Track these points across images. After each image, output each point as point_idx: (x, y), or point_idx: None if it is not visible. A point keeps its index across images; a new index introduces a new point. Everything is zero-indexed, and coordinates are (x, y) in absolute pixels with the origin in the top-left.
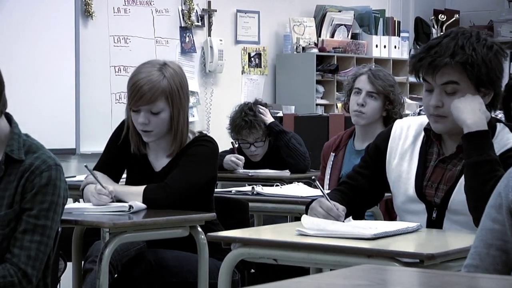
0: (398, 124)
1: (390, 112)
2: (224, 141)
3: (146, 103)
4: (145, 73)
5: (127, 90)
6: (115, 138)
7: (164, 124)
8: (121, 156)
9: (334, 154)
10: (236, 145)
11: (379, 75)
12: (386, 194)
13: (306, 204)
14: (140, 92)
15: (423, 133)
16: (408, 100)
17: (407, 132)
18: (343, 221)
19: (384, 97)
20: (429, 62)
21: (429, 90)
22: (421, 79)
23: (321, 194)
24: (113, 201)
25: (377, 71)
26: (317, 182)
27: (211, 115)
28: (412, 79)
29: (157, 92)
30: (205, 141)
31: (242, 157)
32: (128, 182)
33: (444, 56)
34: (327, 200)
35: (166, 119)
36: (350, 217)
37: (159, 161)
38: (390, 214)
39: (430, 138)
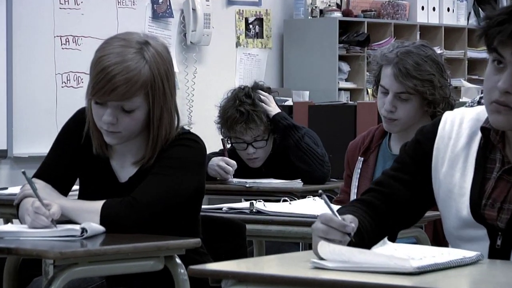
0: (448, 118)
1: (434, 106)
2: (211, 140)
3: (118, 99)
4: (119, 56)
5: (91, 75)
6: (66, 134)
7: (137, 125)
8: (74, 159)
9: (362, 158)
10: (228, 145)
11: (408, 69)
12: (434, 213)
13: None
14: (112, 84)
15: (480, 133)
16: (465, 83)
17: (459, 130)
18: (350, 235)
19: (420, 96)
20: None
21: (499, 66)
22: (491, 52)
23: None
24: (53, 225)
25: (406, 59)
26: (324, 195)
27: (194, 104)
28: (473, 53)
29: (135, 86)
30: (188, 140)
31: (233, 162)
32: (82, 196)
33: None
34: (332, 213)
35: (140, 118)
36: (385, 239)
37: (126, 169)
38: (439, 240)
39: (490, 141)
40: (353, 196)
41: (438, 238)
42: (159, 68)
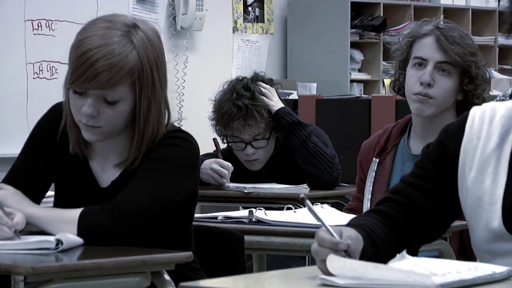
0: (476, 114)
1: (470, 96)
2: (205, 139)
3: (100, 87)
4: (103, 38)
5: (70, 60)
6: (40, 133)
7: (120, 119)
8: (49, 162)
9: (377, 159)
10: (224, 145)
11: (453, 37)
12: (459, 223)
13: None
14: (93, 69)
15: None
16: (496, 74)
17: (489, 128)
18: (347, 252)
19: (462, 71)
20: None
21: None
22: None
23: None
24: (17, 236)
25: (450, 30)
26: (307, 201)
27: (185, 98)
28: (505, 40)
29: (120, 73)
30: (179, 139)
31: (228, 164)
32: (58, 203)
33: None
34: (326, 228)
35: (124, 112)
36: (404, 253)
37: (108, 172)
38: (465, 254)
39: None
40: (366, 203)
41: (464, 251)
42: (148, 55)
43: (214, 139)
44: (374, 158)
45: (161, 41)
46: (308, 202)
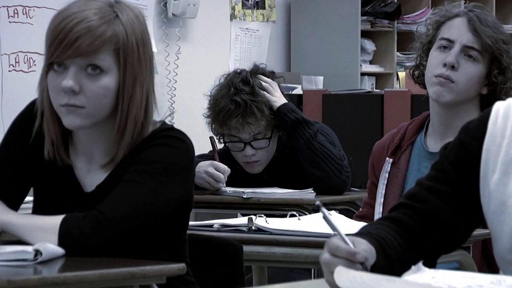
0: (499, 110)
1: (498, 89)
2: (199, 138)
3: (80, 53)
4: (82, 7)
5: (47, 35)
6: (17, 132)
7: (105, 96)
8: (27, 164)
9: (391, 159)
10: (221, 145)
11: (487, 21)
12: (482, 232)
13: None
14: (72, 34)
15: None
16: None
17: None
18: (364, 265)
19: (491, 60)
20: None
21: None
22: None
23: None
24: None
25: (484, 14)
26: (323, 208)
27: (177, 92)
28: None
29: (102, 37)
30: (171, 139)
31: (224, 167)
32: (37, 209)
33: None
34: (340, 235)
35: (109, 87)
36: (420, 264)
37: (92, 174)
38: (489, 264)
39: None
40: (378, 207)
41: (488, 262)
42: (134, 28)
43: (211, 138)
44: (387, 158)
45: (145, 22)
46: (324, 209)
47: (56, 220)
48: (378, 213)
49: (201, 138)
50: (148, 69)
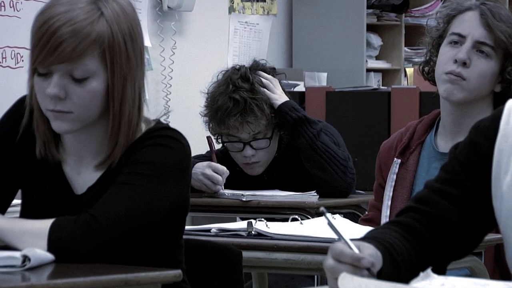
0: None
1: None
2: (195, 138)
3: (64, 59)
4: (66, 6)
5: (32, 36)
6: (3, 131)
7: (93, 99)
8: (15, 165)
9: (399, 160)
10: (218, 145)
11: (501, 15)
12: (494, 236)
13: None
14: (56, 38)
15: None
16: None
17: None
18: (371, 271)
19: (505, 56)
20: None
21: None
22: None
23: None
24: None
25: (497, 8)
26: (327, 214)
27: (172, 90)
28: None
29: (86, 40)
30: (166, 138)
31: (223, 168)
32: (25, 213)
33: None
34: (344, 240)
35: (97, 90)
36: (429, 271)
37: (83, 176)
38: (502, 271)
39: None
40: (385, 211)
41: (501, 269)
42: (120, 24)
43: (208, 138)
44: (395, 159)
45: (137, 14)
46: (328, 215)
47: (45, 224)
48: (385, 216)
49: (198, 138)
50: (139, 64)
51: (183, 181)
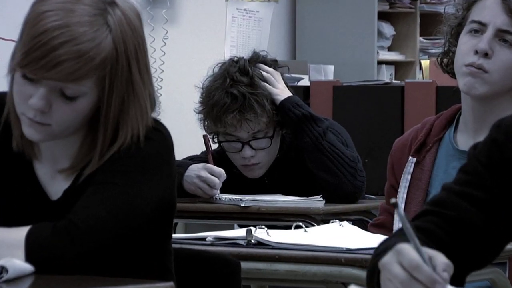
0: None
1: None
2: (189, 137)
3: (61, 78)
4: (70, 15)
5: (24, 34)
6: None
7: (76, 118)
8: None
9: (415, 159)
10: (214, 145)
11: None
12: None
13: (370, 261)
14: (55, 56)
15: None
16: None
17: None
18: None
19: None
20: None
21: None
22: None
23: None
24: None
25: None
26: (399, 205)
27: (164, 84)
28: None
29: (89, 64)
30: (148, 132)
31: (220, 170)
32: (0, 220)
33: None
34: (416, 247)
35: (83, 110)
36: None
37: (58, 179)
38: None
39: None
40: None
41: None
42: (127, 43)
43: (205, 137)
44: (410, 157)
45: (142, 24)
46: (400, 207)
47: (21, 233)
48: (397, 221)
49: (192, 137)
50: (145, 81)
51: (167, 174)
